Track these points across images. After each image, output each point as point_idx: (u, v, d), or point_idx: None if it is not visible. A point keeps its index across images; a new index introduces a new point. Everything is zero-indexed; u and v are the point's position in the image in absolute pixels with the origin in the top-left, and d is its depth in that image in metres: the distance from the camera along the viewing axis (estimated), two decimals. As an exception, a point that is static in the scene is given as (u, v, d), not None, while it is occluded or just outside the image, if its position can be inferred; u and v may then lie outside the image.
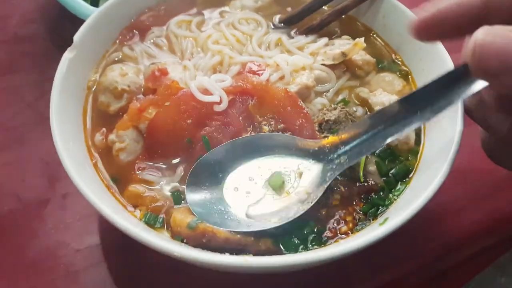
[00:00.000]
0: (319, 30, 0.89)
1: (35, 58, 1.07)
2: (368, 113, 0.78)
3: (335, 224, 0.66)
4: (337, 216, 0.68)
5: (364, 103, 0.80)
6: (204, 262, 0.53)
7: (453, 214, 0.85)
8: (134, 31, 0.85)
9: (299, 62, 0.81)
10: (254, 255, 0.61)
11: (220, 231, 0.60)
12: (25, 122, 0.95)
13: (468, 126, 0.68)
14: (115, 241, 0.78)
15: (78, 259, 0.77)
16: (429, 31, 0.54)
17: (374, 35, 0.91)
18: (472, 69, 0.46)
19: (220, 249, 0.60)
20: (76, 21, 1.00)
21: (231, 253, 0.61)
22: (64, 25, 1.12)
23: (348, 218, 0.67)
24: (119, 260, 0.77)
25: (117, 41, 0.84)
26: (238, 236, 0.61)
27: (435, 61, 0.76)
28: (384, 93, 0.80)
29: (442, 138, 0.71)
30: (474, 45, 0.44)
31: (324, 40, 0.86)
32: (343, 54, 0.81)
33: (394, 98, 0.77)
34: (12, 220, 0.81)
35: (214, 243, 0.60)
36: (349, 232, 0.65)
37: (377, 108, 0.77)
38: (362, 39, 0.82)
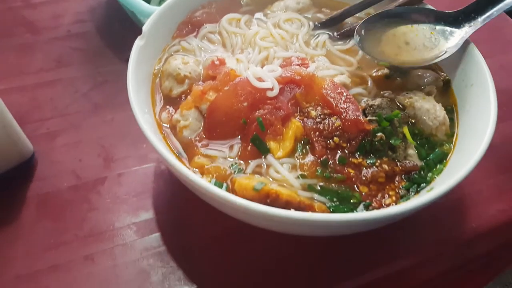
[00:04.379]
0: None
1: (86, 54, 1.15)
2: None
3: (379, 197, 0.73)
4: (382, 191, 0.74)
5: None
6: (275, 215, 0.58)
7: (481, 204, 0.91)
8: (189, 25, 0.93)
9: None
10: None
11: (283, 193, 0.67)
12: (80, 110, 1.03)
13: (503, 121, 0.75)
14: (168, 215, 0.85)
15: (134, 230, 0.83)
16: None
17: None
18: None
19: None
20: (124, 23, 1.09)
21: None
22: (113, 26, 1.22)
23: (392, 193, 0.73)
24: (172, 231, 0.83)
25: (175, 35, 0.92)
26: (298, 199, 0.67)
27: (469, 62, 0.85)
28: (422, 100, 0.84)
29: (475, 126, 0.77)
30: None
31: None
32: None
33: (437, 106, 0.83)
34: (71, 195, 0.87)
35: (277, 205, 0.66)
36: (393, 204, 0.71)
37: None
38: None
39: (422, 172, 0.75)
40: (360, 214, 0.59)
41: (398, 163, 0.75)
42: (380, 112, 0.78)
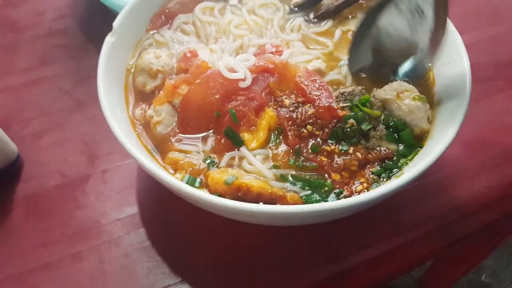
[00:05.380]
0: (334, 15, 0.95)
1: (69, 50, 1.15)
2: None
3: (351, 185, 0.72)
4: (353, 179, 0.74)
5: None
6: (243, 210, 0.59)
7: (466, 182, 0.91)
8: (163, 17, 0.92)
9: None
10: None
11: (254, 185, 0.67)
12: (64, 107, 1.03)
13: (477, 101, 0.74)
14: (152, 210, 0.86)
15: (119, 226, 0.84)
16: None
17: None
18: None
19: (254, 203, 0.66)
20: (105, 16, 1.08)
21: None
22: (94, 20, 1.21)
23: (363, 180, 0.73)
24: (156, 226, 0.84)
25: (149, 28, 0.91)
26: (269, 191, 0.68)
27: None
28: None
29: (450, 108, 0.75)
30: None
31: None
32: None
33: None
34: (58, 194, 0.89)
35: (248, 197, 0.67)
36: (365, 190, 0.71)
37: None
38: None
39: (395, 158, 0.74)
40: (326, 204, 0.59)
41: (372, 151, 0.74)
42: (352, 98, 0.77)
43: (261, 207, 0.60)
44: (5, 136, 0.88)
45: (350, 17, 0.96)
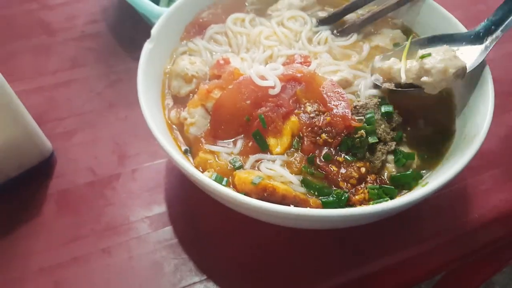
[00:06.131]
0: (359, 29, 0.99)
1: (100, 53, 1.20)
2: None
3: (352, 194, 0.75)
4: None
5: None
6: (275, 211, 0.62)
7: (483, 194, 0.93)
8: (196, 27, 0.96)
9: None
10: None
11: (279, 187, 0.70)
12: (95, 108, 1.07)
13: (498, 116, 0.77)
14: (179, 209, 0.89)
15: (148, 223, 0.88)
16: None
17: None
18: None
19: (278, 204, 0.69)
20: (136, 22, 1.13)
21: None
22: (124, 24, 1.26)
23: (360, 191, 0.76)
24: (184, 224, 0.87)
25: (183, 37, 0.95)
26: (293, 194, 0.71)
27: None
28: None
29: (472, 124, 0.79)
30: None
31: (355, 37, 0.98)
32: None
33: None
34: (88, 191, 0.92)
35: (273, 198, 0.70)
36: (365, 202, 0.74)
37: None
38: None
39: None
40: (355, 209, 0.62)
41: (375, 175, 0.77)
42: (364, 111, 0.81)
43: (288, 208, 0.63)
44: (41, 133, 0.92)
45: (375, 32, 0.99)
